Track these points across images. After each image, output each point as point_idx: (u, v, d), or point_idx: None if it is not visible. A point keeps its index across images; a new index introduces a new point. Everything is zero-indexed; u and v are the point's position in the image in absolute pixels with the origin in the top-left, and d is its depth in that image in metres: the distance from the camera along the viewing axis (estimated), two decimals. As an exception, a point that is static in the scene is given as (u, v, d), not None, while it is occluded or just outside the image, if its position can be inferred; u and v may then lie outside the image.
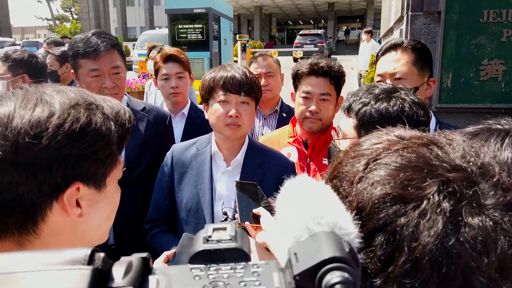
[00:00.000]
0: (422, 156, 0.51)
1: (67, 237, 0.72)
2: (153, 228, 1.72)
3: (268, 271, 0.36)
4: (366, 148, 0.57)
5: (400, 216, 0.47)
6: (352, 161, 0.57)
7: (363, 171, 0.53)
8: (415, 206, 0.47)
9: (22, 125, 0.62)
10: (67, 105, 0.67)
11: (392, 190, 0.49)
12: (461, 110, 2.55)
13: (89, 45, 1.74)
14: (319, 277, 0.32)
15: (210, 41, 12.53)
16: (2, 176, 0.63)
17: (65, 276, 0.30)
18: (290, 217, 0.41)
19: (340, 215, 0.40)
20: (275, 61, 2.84)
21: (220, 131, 1.61)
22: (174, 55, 2.46)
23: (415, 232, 0.46)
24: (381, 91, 1.24)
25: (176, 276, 0.35)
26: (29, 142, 0.62)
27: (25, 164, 0.62)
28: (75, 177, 0.68)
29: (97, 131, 0.68)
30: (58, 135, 0.64)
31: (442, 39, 2.48)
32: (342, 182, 0.56)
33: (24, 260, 0.31)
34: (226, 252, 0.37)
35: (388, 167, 0.51)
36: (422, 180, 0.48)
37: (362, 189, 0.51)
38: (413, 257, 0.45)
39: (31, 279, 0.29)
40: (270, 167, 1.67)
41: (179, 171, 1.69)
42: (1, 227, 0.67)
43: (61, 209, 0.68)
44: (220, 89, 1.56)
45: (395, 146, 0.54)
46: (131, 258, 0.35)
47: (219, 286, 0.33)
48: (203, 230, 0.40)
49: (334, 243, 0.34)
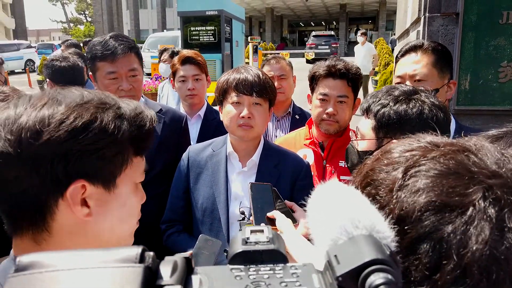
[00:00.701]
0: (460, 163, 0.51)
1: (79, 238, 0.72)
2: (169, 228, 1.74)
3: (307, 273, 0.36)
4: (399, 155, 0.58)
5: (446, 224, 0.48)
6: (386, 168, 0.57)
7: (402, 178, 0.53)
8: (461, 213, 0.48)
9: (27, 121, 0.64)
10: (75, 103, 0.68)
11: (437, 197, 0.49)
12: (479, 113, 2.52)
13: (106, 48, 1.78)
14: (362, 278, 0.32)
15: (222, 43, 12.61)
16: (8, 170, 0.64)
17: (120, 273, 0.31)
18: (326, 220, 0.41)
19: (376, 218, 0.40)
20: (288, 63, 2.84)
21: (233, 132, 1.63)
22: (192, 57, 2.49)
23: (463, 239, 0.46)
24: (400, 93, 1.24)
25: (217, 276, 0.36)
26: (30, 137, 0.63)
27: (28, 158, 0.64)
28: (78, 173, 0.67)
29: (103, 128, 0.67)
30: (59, 130, 0.64)
31: (460, 41, 2.46)
32: (379, 190, 0.56)
33: (83, 257, 0.32)
34: (265, 253, 0.38)
35: (429, 174, 0.52)
36: (465, 187, 0.49)
37: (405, 197, 0.51)
38: (462, 263, 0.45)
39: (90, 275, 0.31)
40: (286, 168, 1.67)
41: (195, 172, 1.71)
42: (17, 224, 0.69)
43: (67, 207, 0.68)
44: (233, 90, 1.59)
45: (432, 153, 0.54)
46: (175, 258, 0.36)
47: (261, 286, 0.34)
48: (240, 232, 0.41)
49: (374, 246, 0.35)
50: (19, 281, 0.31)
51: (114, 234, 0.76)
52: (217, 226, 1.62)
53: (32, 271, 0.31)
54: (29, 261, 0.32)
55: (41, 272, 0.31)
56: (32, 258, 0.32)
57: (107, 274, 0.31)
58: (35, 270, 0.32)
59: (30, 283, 0.31)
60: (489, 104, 2.49)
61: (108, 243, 0.76)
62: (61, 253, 0.33)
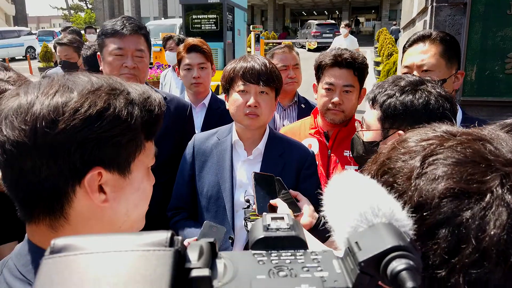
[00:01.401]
0: (477, 151, 0.53)
1: (95, 223, 0.73)
2: (175, 215, 1.75)
3: (327, 258, 0.37)
4: (416, 144, 0.59)
5: (465, 210, 0.49)
6: (403, 157, 0.58)
7: (420, 167, 0.55)
8: (479, 199, 0.49)
9: (41, 110, 0.64)
10: (87, 90, 0.67)
11: (455, 184, 0.51)
12: (485, 104, 2.51)
13: (116, 25, 1.82)
14: (384, 264, 0.33)
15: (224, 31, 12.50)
16: (25, 160, 0.64)
17: (152, 256, 0.32)
18: (345, 208, 0.42)
19: (395, 207, 0.41)
20: (296, 53, 2.83)
21: (239, 120, 1.63)
22: (197, 45, 2.48)
23: (481, 224, 0.48)
24: (407, 83, 1.23)
25: (241, 261, 0.37)
26: (46, 126, 0.63)
27: (44, 148, 0.64)
28: (94, 161, 0.67)
29: (116, 115, 0.67)
30: (74, 119, 0.64)
31: (467, 31, 2.44)
32: (397, 178, 0.57)
33: (115, 241, 0.33)
34: (285, 239, 0.39)
35: (446, 162, 0.53)
36: (483, 174, 0.50)
37: (423, 185, 0.53)
38: (481, 247, 0.47)
39: (124, 258, 0.32)
40: (291, 157, 1.68)
41: (200, 160, 1.72)
42: (34, 211, 0.70)
43: (85, 194, 0.69)
44: (240, 79, 1.59)
45: (448, 142, 0.56)
46: (201, 243, 0.37)
47: (284, 270, 0.35)
48: (261, 219, 0.42)
49: (395, 234, 0.36)
50: (54, 263, 0.32)
51: (129, 218, 0.77)
52: (222, 214, 1.63)
53: (67, 253, 0.32)
54: (64, 244, 0.33)
55: (76, 254, 0.32)
56: (66, 241, 0.33)
57: (140, 257, 0.32)
58: (69, 252, 0.32)
59: (65, 264, 0.31)
60: (494, 95, 2.48)
61: (122, 227, 0.76)
62: (94, 237, 0.34)
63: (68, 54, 3.87)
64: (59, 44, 3.97)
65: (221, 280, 0.34)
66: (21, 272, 0.70)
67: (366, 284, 0.34)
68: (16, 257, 0.73)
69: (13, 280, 0.69)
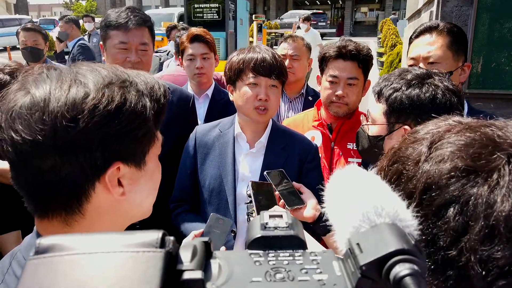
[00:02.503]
0: (484, 134, 0.54)
1: (111, 216, 0.73)
2: (177, 207, 1.74)
3: (327, 260, 0.36)
4: (425, 133, 0.60)
5: (472, 187, 0.50)
6: (412, 145, 0.59)
7: (428, 151, 0.56)
8: (486, 177, 0.50)
9: (59, 108, 0.62)
10: (101, 84, 0.66)
11: (462, 163, 0.51)
12: (491, 96, 2.48)
13: (121, 18, 1.77)
14: (386, 269, 0.32)
15: (226, 21, 12.38)
16: (45, 160, 0.63)
17: (142, 258, 0.31)
18: (347, 207, 0.41)
19: (399, 206, 0.40)
20: (305, 44, 2.77)
21: (247, 114, 1.60)
22: (201, 35, 2.44)
23: (489, 200, 0.48)
24: (413, 76, 1.20)
25: (236, 261, 0.35)
26: (66, 126, 0.61)
27: (65, 147, 0.63)
28: (114, 157, 0.67)
29: (133, 109, 0.67)
30: (94, 116, 0.63)
31: (474, 22, 2.39)
32: (406, 165, 0.58)
33: (104, 241, 0.32)
34: (284, 239, 0.37)
35: (454, 144, 0.54)
36: (490, 153, 0.51)
37: (430, 166, 0.54)
38: (489, 223, 0.47)
39: (112, 259, 0.30)
40: (294, 150, 1.66)
41: (202, 152, 1.70)
42: (49, 207, 0.69)
43: (104, 188, 0.69)
44: (250, 71, 1.54)
45: (456, 128, 0.57)
46: (194, 242, 0.35)
47: (281, 272, 0.34)
48: (258, 217, 0.40)
49: (399, 235, 0.34)
50: (39, 264, 0.30)
51: (141, 208, 0.78)
52: (224, 207, 1.62)
53: (53, 254, 0.31)
54: (50, 244, 0.31)
55: (62, 255, 0.30)
56: (52, 241, 0.31)
57: (128, 259, 0.30)
58: (55, 253, 0.31)
59: (50, 266, 0.30)
60: (500, 88, 2.45)
61: (133, 217, 0.78)
62: (82, 236, 0.32)
63: (37, 39, 3.78)
64: (26, 29, 3.86)
65: (215, 282, 0.32)
66: None
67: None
68: (25, 250, 0.73)
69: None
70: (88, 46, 5.42)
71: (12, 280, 0.70)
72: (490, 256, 0.47)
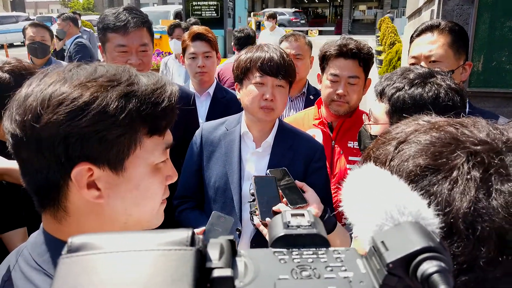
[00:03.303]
0: (449, 133, 0.55)
1: (96, 219, 0.72)
2: (181, 204, 1.74)
3: (350, 257, 0.36)
4: (396, 133, 0.61)
5: (433, 185, 0.51)
6: (383, 145, 0.61)
7: (394, 151, 0.58)
8: (446, 175, 0.51)
9: (32, 103, 0.63)
10: (79, 81, 0.65)
11: (423, 161, 0.53)
12: (491, 95, 2.49)
13: (119, 20, 1.74)
14: (414, 266, 0.32)
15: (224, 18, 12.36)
16: (20, 151, 0.67)
17: (173, 256, 0.31)
18: (369, 206, 0.41)
19: (421, 205, 0.40)
20: (307, 42, 2.75)
21: (253, 113, 1.59)
22: (203, 33, 2.44)
23: (448, 198, 0.49)
24: (416, 75, 1.20)
25: (261, 259, 0.36)
26: (32, 119, 0.63)
27: (32, 141, 0.64)
28: (79, 156, 0.65)
29: (102, 109, 0.63)
30: (56, 112, 0.62)
31: (475, 21, 2.40)
32: (377, 165, 0.59)
33: (135, 240, 0.32)
34: (307, 237, 0.38)
35: (419, 144, 0.55)
36: (451, 152, 0.52)
37: (396, 165, 0.55)
38: (448, 221, 0.49)
39: (144, 257, 0.31)
40: (300, 149, 1.66)
41: (208, 150, 1.69)
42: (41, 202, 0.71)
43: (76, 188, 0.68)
44: (257, 70, 1.53)
45: (424, 128, 0.58)
46: (220, 241, 0.36)
47: (307, 270, 0.34)
48: (279, 216, 0.40)
49: (423, 233, 0.35)
50: (72, 262, 0.31)
51: (131, 217, 0.73)
52: (229, 206, 1.62)
53: (85, 253, 0.31)
54: (82, 242, 0.32)
55: (94, 253, 0.31)
56: (84, 239, 0.32)
57: (160, 257, 0.31)
58: (88, 251, 0.31)
59: (84, 264, 0.30)
60: (501, 87, 2.46)
61: (126, 224, 0.74)
62: (113, 235, 0.33)
63: (44, 36, 3.81)
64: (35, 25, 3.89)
65: (242, 280, 0.33)
66: (37, 262, 0.70)
67: (394, 286, 0.33)
68: (31, 246, 0.73)
69: (29, 270, 0.70)
70: (85, 44, 5.37)
71: (19, 277, 0.70)
72: (450, 253, 0.47)
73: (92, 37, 6.75)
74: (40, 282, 0.68)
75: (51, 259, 0.69)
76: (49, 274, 0.68)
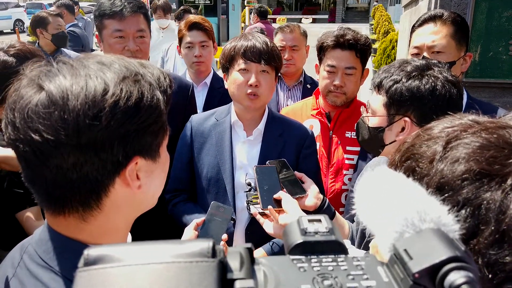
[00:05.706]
0: (501, 137, 0.53)
1: (126, 209, 0.74)
2: (174, 197, 1.74)
3: (371, 265, 0.35)
4: (440, 131, 0.59)
5: (486, 191, 0.49)
6: (427, 143, 0.58)
7: (443, 150, 0.55)
8: (501, 182, 0.49)
9: (80, 106, 0.61)
10: (118, 78, 0.65)
11: (477, 166, 0.51)
12: (488, 85, 2.50)
13: (115, 6, 1.73)
14: (440, 277, 0.32)
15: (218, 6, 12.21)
16: (66, 158, 0.63)
17: (196, 268, 0.30)
18: (388, 211, 0.41)
19: (441, 211, 0.40)
20: (302, 33, 2.73)
21: (239, 100, 1.60)
22: (199, 23, 2.40)
23: (502, 205, 0.48)
24: (413, 68, 1.21)
25: (280, 268, 0.35)
26: (89, 124, 0.61)
27: (88, 145, 0.62)
28: (134, 152, 0.68)
29: (149, 104, 0.67)
30: (115, 113, 0.62)
31: (472, 11, 2.39)
32: (419, 162, 0.57)
33: (155, 252, 0.31)
34: (325, 244, 0.37)
35: (469, 145, 0.53)
36: (506, 157, 0.51)
37: (445, 167, 0.53)
38: (501, 228, 0.48)
39: (166, 271, 0.30)
40: (290, 137, 1.67)
41: (198, 141, 1.70)
42: (66, 204, 0.68)
43: (123, 183, 0.69)
44: (241, 57, 1.56)
45: (472, 129, 0.56)
46: (239, 249, 0.35)
47: (328, 278, 0.33)
48: (295, 222, 0.40)
49: (447, 242, 0.34)
50: (90, 276, 0.29)
51: (153, 199, 0.78)
52: (222, 195, 1.63)
53: (104, 266, 0.30)
54: (99, 254, 0.31)
55: (113, 266, 0.30)
56: (101, 251, 0.31)
57: (183, 269, 0.30)
58: (106, 264, 0.30)
59: (103, 278, 0.29)
60: (497, 77, 2.47)
61: (144, 209, 0.78)
62: (130, 246, 0.31)
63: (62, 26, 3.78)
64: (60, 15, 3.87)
65: None
66: (43, 259, 0.69)
67: None
68: (36, 243, 0.73)
69: (36, 267, 0.69)
70: (78, 33, 5.25)
71: (25, 274, 0.70)
72: (498, 260, 0.48)
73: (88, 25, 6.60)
74: (47, 279, 0.67)
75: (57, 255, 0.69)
76: (56, 272, 0.67)
